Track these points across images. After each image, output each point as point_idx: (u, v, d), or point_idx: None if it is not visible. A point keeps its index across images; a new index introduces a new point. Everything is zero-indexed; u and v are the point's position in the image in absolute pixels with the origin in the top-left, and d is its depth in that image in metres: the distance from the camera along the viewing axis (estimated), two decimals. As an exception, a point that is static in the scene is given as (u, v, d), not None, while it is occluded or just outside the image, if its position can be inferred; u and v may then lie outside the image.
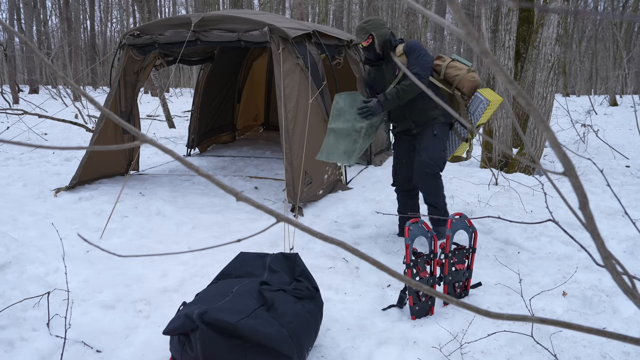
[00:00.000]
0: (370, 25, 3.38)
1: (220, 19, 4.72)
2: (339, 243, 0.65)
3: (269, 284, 2.19)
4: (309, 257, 3.28)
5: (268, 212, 0.66)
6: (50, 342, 2.21)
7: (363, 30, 3.37)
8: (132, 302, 2.66)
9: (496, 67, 0.59)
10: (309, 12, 27.82)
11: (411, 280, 0.69)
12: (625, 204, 4.59)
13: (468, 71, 3.36)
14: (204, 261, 3.21)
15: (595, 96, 25.70)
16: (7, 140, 0.58)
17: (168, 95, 25.80)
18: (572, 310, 2.58)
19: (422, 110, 3.45)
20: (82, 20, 32.88)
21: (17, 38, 1.49)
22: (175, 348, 1.99)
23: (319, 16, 16.86)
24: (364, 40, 3.36)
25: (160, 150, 0.67)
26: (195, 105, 7.14)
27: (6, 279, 2.81)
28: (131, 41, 5.03)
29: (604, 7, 26.90)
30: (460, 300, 0.85)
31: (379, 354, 2.18)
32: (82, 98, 14.44)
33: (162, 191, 5.08)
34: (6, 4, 26.69)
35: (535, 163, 2.81)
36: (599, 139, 8.41)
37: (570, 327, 0.72)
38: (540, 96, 5.77)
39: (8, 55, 20.10)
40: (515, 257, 3.31)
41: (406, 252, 2.45)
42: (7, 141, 0.58)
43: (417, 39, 19.46)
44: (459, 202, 4.55)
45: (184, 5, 37.05)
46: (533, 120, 4.00)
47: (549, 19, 5.72)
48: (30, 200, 4.57)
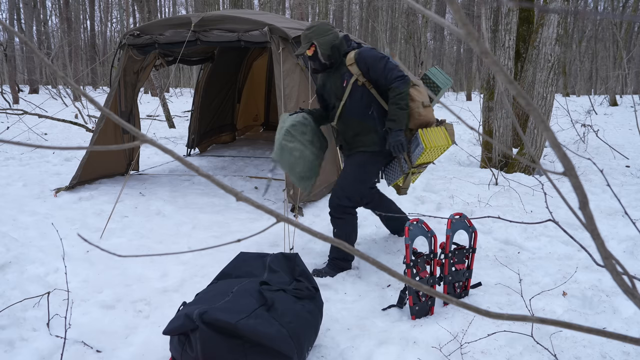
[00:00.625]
0: (313, 32, 3.03)
1: (220, 19, 4.72)
2: (338, 243, 0.65)
3: (269, 284, 2.19)
4: (309, 257, 3.28)
5: (268, 212, 0.66)
6: (50, 342, 2.21)
7: (306, 39, 3.04)
8: (132, 302, 2.66)
9: (496, 67, 0.59)
10: (309, 12, 27.82)
11: (411, 280, 0.69)
12: (625, 204, 4.59)
13: (423, 105, 2.99)
14: (204, 261, 3.21)
15: (595, 96, 25.70)
16: (7, 140, 0.58)
17: (168, 95, 25.80)
18: (572, 310, 2.58)
19: (355, 131, 3.06)
20: (82, 20, 32.89)
21: (17, 38, 1.49)
22: (175, 348, 1.99)
23: (319, 16, 16.86)
24: (306, 50, 3.04)
25: (160, 150, 0.67)
26: (195, 105, 7.15)
27: (6, 279, 2.81)
28: (131, 41, 5.03)
29: (604, 7, 26.90)
30: (460, 300, 0.85)
31: (379, 354, 2.18)
32: (82, 98, 14.44)
33: (162, 191, 5.08)
34: (6, 4, 26.68)
35: (535, 163, 2.81)
36: (599, 139, 8.41)
37: (570, 327, 0.72)
38: (540, 96, 5.77)
39: (8, 55, 20.10)
40: (515, 257, 3.31)
41: (406, 252, 2.45)
42: (7, 141, 0.58)
43: (417, 39, 19.47)
44: (459, 202, 4.56)
45: (184, 5, 37.05)
46: (533, 120, 3.98)
47: (549, 19, 5.72)
48: (30, 200, 4.58)
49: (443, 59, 31.45)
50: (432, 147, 2.92)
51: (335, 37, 3.03)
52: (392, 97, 2.91)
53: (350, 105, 3.02)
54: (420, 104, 2.98)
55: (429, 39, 29.45)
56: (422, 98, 3.00)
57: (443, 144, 2.96)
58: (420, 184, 5.28)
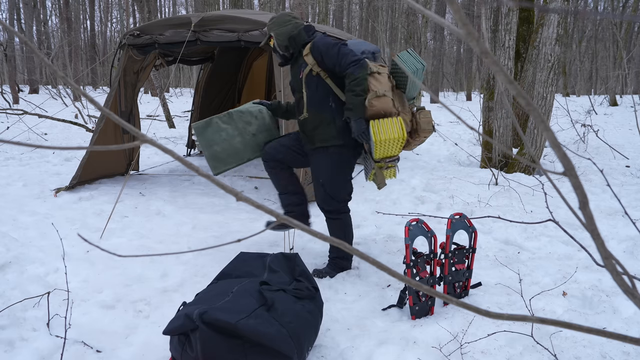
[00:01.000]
0: (272, 24, 2.95)
1: (220, 19, 4.72)
2: (338, 243, 0.65)
3: (269, 284, 2.19)
4: (309, 257, 3.28)
5: (268, 212, 0.66)
6: (50, 342, 2.21)
7: (267, 31, 2.99)
8: (132, 302, 2.66)
9: (496, 67, 0.59)
10: (309, 12, 27.82)
11: (411, 280, 0.69)
12: (625, 204, 4.59)
13: (377, 95, 2.79)
14: (204, 261, 3.21)
15: (595, 96, 25.70)
16: (7, 140, 0.58)
17: (168, 95, 25.80)
18: (572, 310, 2.58)
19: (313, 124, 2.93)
20: (82, 20, 32.90)
21: (17, 38, 1.49)
22: (175, 348, 1.99)
23: (319, 16, 16.86)
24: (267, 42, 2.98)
25: (160, 150, 0.67)
26: (195, 105, 7.15)
27: (6, 279, 2.81)
28: (131, 41, 5.03)
29: (604, 7, 26.89)
30: (460, 300, 0.85)
31: (379, 354, 2.18)
32: (82, 98, 14.44)
33: (162, 191, 5.08)
34: (6, 4, 26.69)
35: (535, 163, 2.81)
36: (599, 139, 8.41)
37: (570, 327, 0.72)
38: (540, 96, 5.77)
39: (8, 55, 20.10)
40: (515, 257, 3.31)
41: (406, 252, 2.45)
42: (7, 141, 0.58)
43: (417, 39, 19.46)
44: (459, 202, 4.56)
45: (184, 5, 37.06)
46: (533, 120, 3.99)
47: (549, 19, 5.72)
48: (30, 200, 4.58)
49: (443, 59, 31.45)
50: (382, 141, 2.75)
51: (293, 27, 2.92)
52: (348, 84, 2.76)
53: (310, 97, 2.92)
54: (374, 93, 2.79)
55: (429, 39, 29.45)
56: (378, 87, 2.81)
57: (394, 136, 2.74)
58: (420, 184, 5.28)
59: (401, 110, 2.93)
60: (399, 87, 3.00)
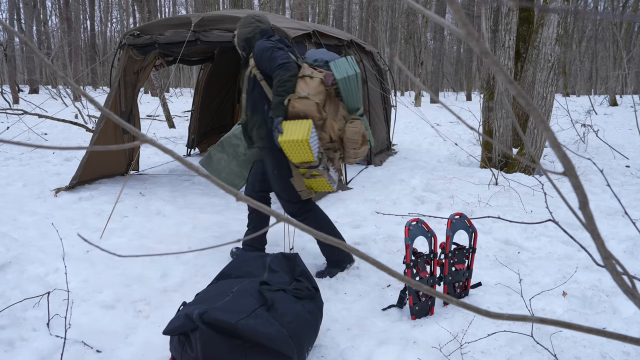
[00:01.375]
0: (238, 24, 3.09)
1: (220, 19, 4.72)
2: (338, 243, 0.65)
3: (269, 284, 2.19)
4: (309, 257, 3.28)
5: (268, 212, 0.66)
6: (50, 342, 2.21)
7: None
8: (132, 302, 2.66)
9: (496, 67, 0.59)
10: (309, 12, 27.83)
11: (411, 280, 0.69)
12: (625, 204, 4.59)
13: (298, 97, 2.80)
14: (204, 261, 3.21)
15: (595, 96, 25.72)
16: (7, 140, 0.58)
17: (168, 95, 25.81)
18: (572, 310, 2.58)
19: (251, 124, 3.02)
20: (82, 20, 32.90)
21: (17, 38, 1.49)
22: (175, 348, 1.99)
23: (319, 16, 16.86)
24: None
25: (160, 150, 0.67)
26: (195, 105, 7.15)
27: (6, 279, 2.81)
28: (131, 41, 5.03)
29: (604, 7, 26.90)
30: (460, 300, 0.85)
31: (379, 354, 2.18)
32: (82, 98, 14.44)
33: (162, 191, 5.08)
34: (6, 4, 26.70)
35: (535, 163, 2.80)
36: (599, 139, 8.41)
37: (570, 327, 0.72)
38: (540, 96, 5.77)
39: (8, 55, 20.11)
40: (515, 257, 3.31)
41: (406, 252, 2.45)
42: (7, 141, 0.58)
43: (417, 39, 19.47)
44: (459, 202, 4.56)
45: (184, 5, 37.06)
46: (533, 120, 3.98)
47: (549, 19, 5.72)
48: (30, 200, 4.58)
49: (443, 59, 31.45)
50: (284, 141, 2.72)
51: (251, 30, 3.00)
52: (273, 85, 2.83)
53: (247, 99, 3.02)
54: (297, 94, 2.80)
55: (429, 39, 29.44)
56: (304, 89, 2.82)
57: (294, 138, 2.69)
58: (420, 184, 5.28)
59: (330, 117, 2.91)
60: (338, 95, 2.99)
